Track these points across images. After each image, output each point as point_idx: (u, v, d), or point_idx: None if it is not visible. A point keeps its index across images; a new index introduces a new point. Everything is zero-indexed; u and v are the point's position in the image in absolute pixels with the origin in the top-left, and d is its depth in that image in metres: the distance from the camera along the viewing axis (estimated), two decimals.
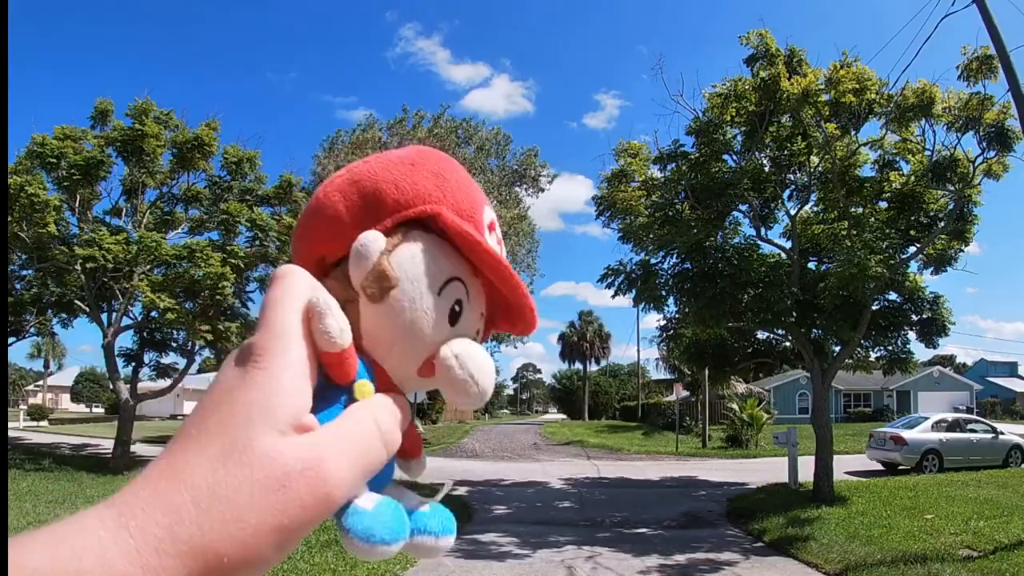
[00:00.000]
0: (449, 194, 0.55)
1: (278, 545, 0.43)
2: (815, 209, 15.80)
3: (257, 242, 20.11)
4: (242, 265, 19.23)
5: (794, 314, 13.76)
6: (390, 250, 0.53)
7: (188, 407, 50.95)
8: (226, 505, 0.42)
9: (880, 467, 19.85)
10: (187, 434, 0.45)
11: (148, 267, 18.57)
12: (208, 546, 0.41)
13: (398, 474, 0.59)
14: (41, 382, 69.12)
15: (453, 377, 0.53)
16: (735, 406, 29.64)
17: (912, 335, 14.74)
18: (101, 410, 55.86)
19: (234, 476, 0.43)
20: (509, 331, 0.62)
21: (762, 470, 19.12)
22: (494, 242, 0.58)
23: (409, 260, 0.53)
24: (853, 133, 14.26)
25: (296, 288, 0.51)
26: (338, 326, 0.49)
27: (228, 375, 0.47)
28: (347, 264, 0.53)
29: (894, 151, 14.52)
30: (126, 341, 21.15)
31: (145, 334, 21.36)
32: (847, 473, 17.44)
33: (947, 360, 68.00)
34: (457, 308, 0.54)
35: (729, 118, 14.47)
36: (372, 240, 0.52)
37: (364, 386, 0.53)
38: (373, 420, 0.51)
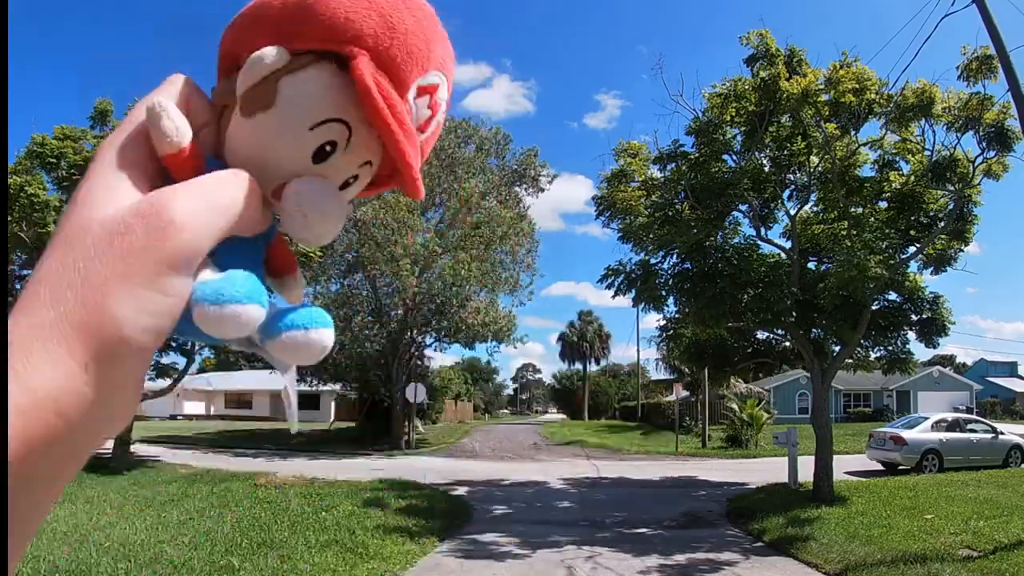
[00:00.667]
0: (386, 45, 0.52)
1: (134, 301, 0.43)
2: (815, 209, 15.80)
3: None
4: None
5: (794, 314, 13.76)
6: (287, 71, 0.51)
7: (188, 407, 51.06)
8: (80, 279, 0.42)
9: (880, 467, 19.84)
10: (55, 234, 0.46)
11: None
12: (80, 325, 0.41)
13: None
14: None
15: (286, 209, 0.52)
16: (735, 406, 29.64)
17: (912, 335, 14.75)
18: None
19: (79, 250, 0.43)
20: (400, 188, 0.60)
21: (762, 470, 19.11)
22: (420, 106, 0.56)
23: (296, 87, 0.52)
24: (853, 133, 14.26)
25: (158, 94, 0.52)
26: (173, 126, 0.49)
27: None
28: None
29: (894, 151, 14.52)
30: None
31: None
32: (847, 473, 17.44)
33: (947, 360, 68.00)
34: (328, 148, 0.53)
35: (729, 118, 14.47)
36: (271, 55, 0.51)
37: None
38: (238, 178, 0.51)
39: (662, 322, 16.61)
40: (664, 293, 14.84)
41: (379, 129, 0.52)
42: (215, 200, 0.48)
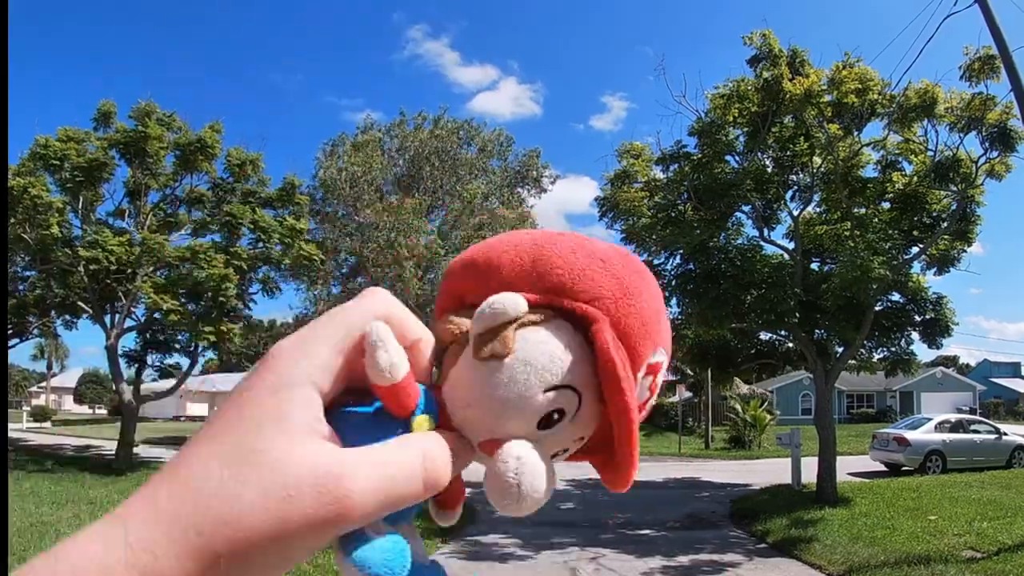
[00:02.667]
0: (623, 312, 0.48)
1: (276, 554, 0.41)
2: (818, 210, 15.78)
3: (260, 244, 20.13)
4: (245, 267, 19.26)
5: (797, 315, 13.74)
6: (524, 323, 0.47)
7: (191, 408, 51.08)
8: (227, 507, 0.40)
9: (883, 468, 19.81)
10: (196, 438, 0.44)
11: (151, 269, 18.61)
12: (205, 547, 0.39)
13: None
14: (44, 383, 69.24)
15: (501, 473, 0.47)
16: (738, 407, 29.61)
17: (915, 336, 14.73)
18: (104, 411, 55.99)
19: (238, 479, 0.41)
20: (600, 473, 0.55)
21: (765, 471, 19.09)
22: (643, 385, 0.51)
23: (536, 343, 0.47)
24: (856, 134, 14.24)
25: (358, 310, 0.48)
26: (389, 360, 0.45)
27: (244, 379, 0.46)
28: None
29: (897, 151, 14.50)
30: (129, 342, 21.22)
31: (148, 335, 21.40)
32: (850, 474, 17.42)
33: (950, 361, 67.92)
34: (556, 416, 0.48)
35: (732, 119, 14.46)
36: (511, 302, 0.47)
37: (424, 422, 0.48)
38: (420, 451, 0.47)
39: None
40: (667, 294, 14.83)
41: (615, 407, 0.47)
42: (394, 483, 0.45)
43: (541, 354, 0.47)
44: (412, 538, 0.50)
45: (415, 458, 0.46)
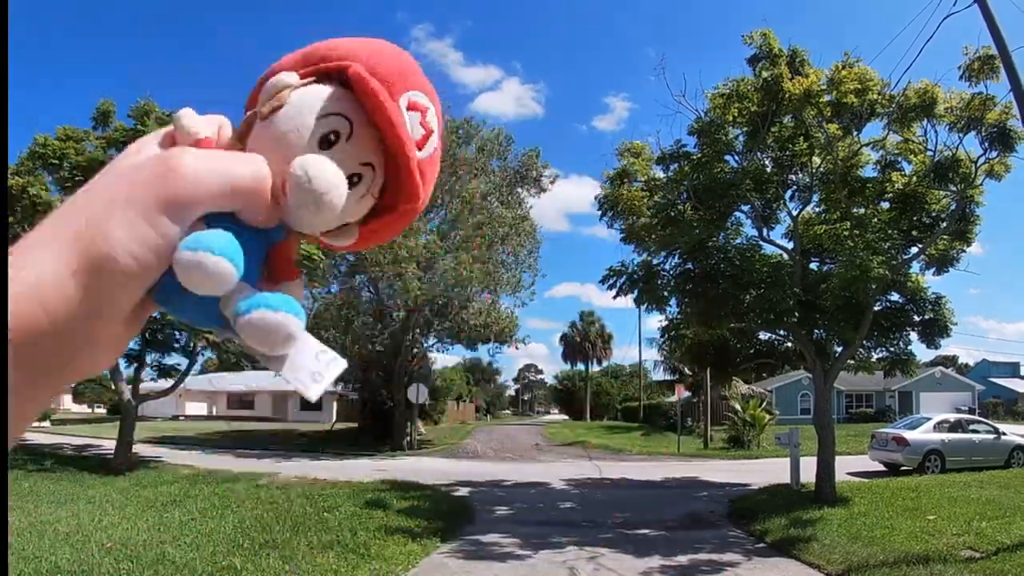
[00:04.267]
0: (374, 61, 0.59)
1: (128, 227, 0.49)
2: (817, 210, 15.78)
3: None
4: None
5: (796, 315, 13.74)
6: (297, 86, 0.59)
7: (190, 408, 51.11)
8: (90, 199, 0.51)
9: (882, 468, 19.82)
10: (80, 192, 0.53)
11: None
12: (77, 236, 0.48)
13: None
14: None
15: (291, 174, 0.56)
16: (737, 407, 29.62)
17: (914, 336, 14.74)
18: (103, 410, 55.86)
19: (101, 176, 0.53)
20: (400, 199, 0.63)
21: (764, 471, 19.09)
22: (413, 121, 0.61)
23: (305, 93, 0.59)
24: (855, 133, 14.25)
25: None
26: (190, 121, 0.58)
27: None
28: None
29: (896, 151, 14.50)
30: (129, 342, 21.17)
31: (147, 335, 21.36)
32: (849, 474, 17.42)
33: (949, 361, 67.97)
34: (332, 137, 0.58)
35: (731, 118, 14.46)
36: (284, 76, 0.59)
37: None
38: (246, 155, 0.57)
39: (664, 323, 16.61)
40: (666, 294, 14.84)
41: (381, 121, 0.58)
42: (223, 167, 0.54)
43: (309, 95, 0.59)
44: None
45: (247, 160, 0.56)
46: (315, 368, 0.59)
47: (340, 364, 0.60)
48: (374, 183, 0.62)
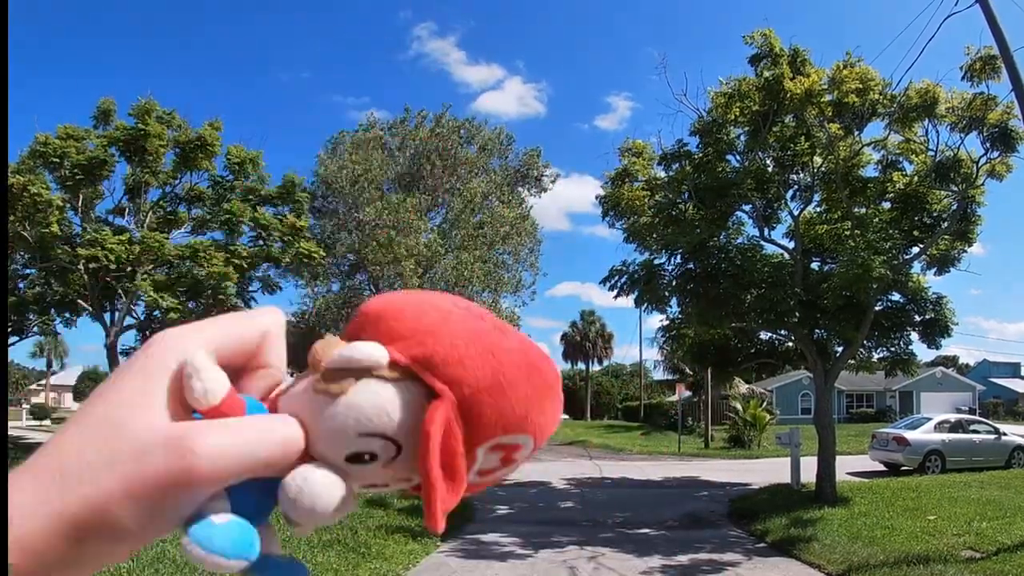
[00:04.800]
0: (477, 401, 0.50)
1: (133, 512, 0.44)
2: (818, 209, 15.77)
3: (260, 242, 20.12)
4: (245, 265, 19.26)
5: (797, 315, 13.73)
6: (374, 375, 0.50)
7: None
8: (88, 473, 0.43)
9: (883, 468, 19.82)
10: (74, 416, 0.47)
11: (151, 267, 18.60)
12: (64, 510, 0.42)
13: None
14: (44, 381, 69.28)
15: (285, 487, 0.50)
16: (738, 406, 29.62)
17: (915, 336, 14.72)
18: None
19: (101, 448, 0.44)
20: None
21: (764, 471, 19.09)
22: (487, 458, 0.53)
23: (370, 393, 0.50)
24: (856, 133, 14.23)
25: (244, 319, 0.53)
26: (202, 387, 0.48)
27: (126, 361, 0.49)
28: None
29: (897, 151, 14.48)
30: (129, 340, 21.18)
31: (148, 333, 21.37)
32: (849, 474, 17.42)
33: (950, 361, 67.92)
34: (366, 458, 0.51)
35: (733, 118, 14.45)
36: (370, 351, 0.50)
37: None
38: (277, 420, 0.50)
39: (665, 322, 16.61)
40: (667, 293, 14.83)
41: (421, 469, 0.49)
42: (252, 443, 0.48)
43: (369, 404, 0.50)
44: (268, 537, 0.52)
45: (268, 423, 0.50)
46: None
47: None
48: (400, 484, 0.55)
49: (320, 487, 0.50)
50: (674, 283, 14.67)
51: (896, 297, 14.47)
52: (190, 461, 0.44)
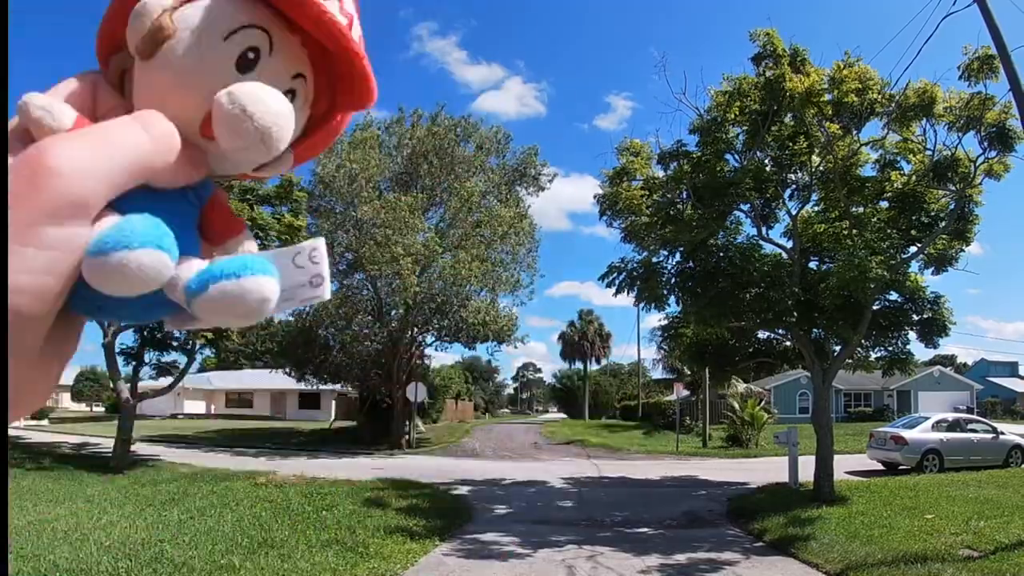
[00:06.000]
0: None
1: (23, 243, 0.38)
2: (816, 209, 15.79)
3: (258, 241, 20.04)
4: None
5: (795, 314, 13.75)
6: (175, 7, 0.47)
7: (189, 406, 51.08)
8: None
9: (881, 467, 19.84)
10: None
11: None
12: None
13: None
14: None
15: (223, 114, 0.45)
16: (736, 405, 29.63)
17: (913, 335, 14.75)
18: (102, 409, 55.89)
19: None
20: (349, 104, 0.55)
21: (763, 470, 19.10)
22: (332, 8, 0.50)
23: (195, 11, 0.47)
24: (855, 133, 14.24)
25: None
26: (45, 112, 0.44)
27: None
28: None
29: (895, 151, 14.50)
30: (127, 340, 21.15)
31: (145, 333, 21.34)
32: (847, 473, 17.43)
33: (948, 360, 68.00)
34: (251, 55, 0.48)
35: (732, 116, 14.45)
36: None
37: None
38: (134, 118, 0.45)
39: (663, 321, 16.62)
40: (666, 292, 14.83)
41: (308, 18, 0.47)
42: (109, 142, 0.43)
43: (202, 13, 0.46)
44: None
45: (137, 122, 0.45)
46: (306, 276, 0.50)
47: (318, 244, 0.52)
48: (307, 94, 0.53)
49: (252, 90, 0.46)
50: (673, 282, 14.67)
51: (894, 296, 14.49)
52: (46, 176, 0.39)
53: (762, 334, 16.91)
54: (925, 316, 14.25)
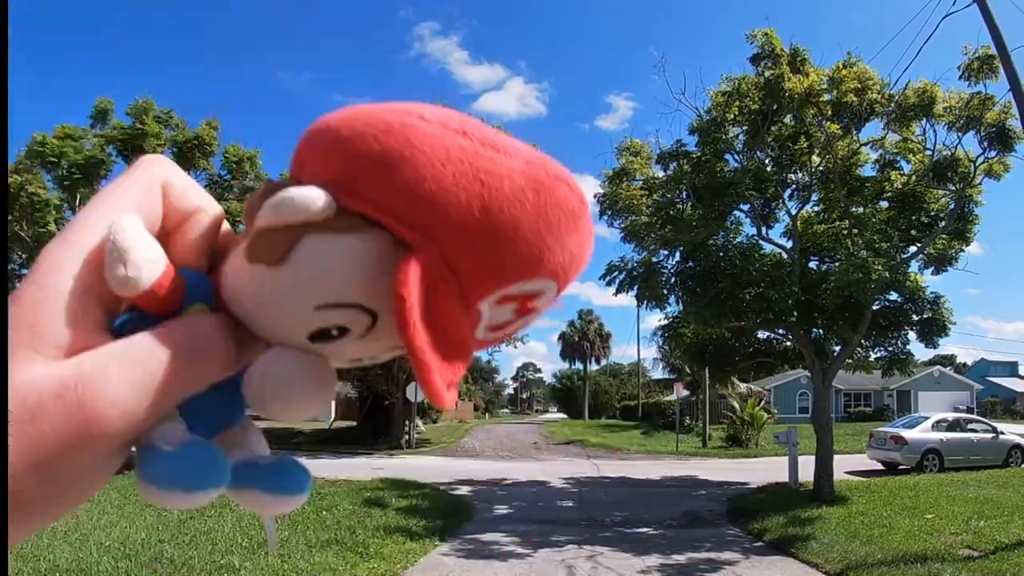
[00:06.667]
0: (468, 244, 0.39)
1: (40, 484, 0.36)
2: (816, 209, 15.78)
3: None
4: None
5: (795, 314, 13.74)
6: (321, 227, 0.39)
7: None
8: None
9: (880, 467, 19.84)
10: None
11: None
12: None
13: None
14: None
15: (246, 385, 0.43)
16: (736, 405, 29.64)
17: (912, 335, 14.73)
18: None
19: None
20: None
21: (763, 470, 19.11)
22: (495, 312, 0.43)
23: (318, 254, 0.39)
24: (854, 133, 14.24)
25: (133, 186, 0.42)
26: (124, 275, 0.38)
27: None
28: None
29: (895, 151, 14.50)
30: None
31: None
32: (847, 473, 17.43)
33: (947, 360, 68.05)
34: (334, 332, 0.41)
35: (732, 116, 14.45)
36: (312, 199, 0.38)
37: (197, 312, 0.42)
38: (184, 328, 0.40)
39: (664, 321, 16.61)
40: (666, 292, 14.83)
41: (402, 339, 0.39)
42: (165, 378, 0.39)
43: (318, 269, 0.39)
44: (243, 441, 0.47)
45: (174, 335, 0.40)
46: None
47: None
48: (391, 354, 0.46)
49: (280, 381, 0.42)
50: (673, 282, 14.68)
51: (894, 296, 14.47)
52: (95, 410, 0.36)
53: (762, 334, 16.90)
54: (925, 316, 14.24)
